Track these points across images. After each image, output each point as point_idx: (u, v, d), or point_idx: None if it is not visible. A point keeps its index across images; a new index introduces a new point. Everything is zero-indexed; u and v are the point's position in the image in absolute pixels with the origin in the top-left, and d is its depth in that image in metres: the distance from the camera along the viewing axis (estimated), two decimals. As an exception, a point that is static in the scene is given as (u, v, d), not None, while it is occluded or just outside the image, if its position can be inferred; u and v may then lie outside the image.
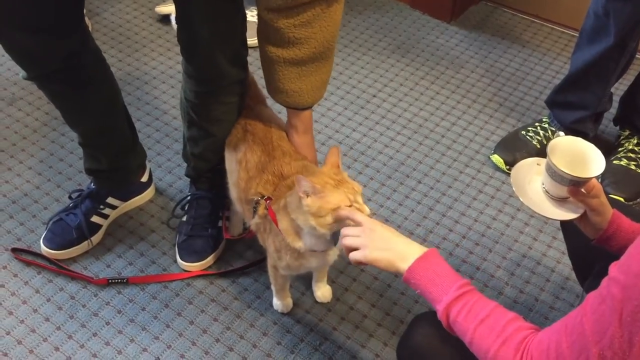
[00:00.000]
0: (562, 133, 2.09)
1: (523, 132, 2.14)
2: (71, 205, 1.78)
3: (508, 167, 2.07)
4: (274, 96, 1.47)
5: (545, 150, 1.16)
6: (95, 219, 1.77)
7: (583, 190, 1.15)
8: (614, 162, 2.07)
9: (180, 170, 1.99)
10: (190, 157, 1.74)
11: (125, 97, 1.95)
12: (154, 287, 1.70)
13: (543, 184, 1.20)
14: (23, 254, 1.74)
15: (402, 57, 2.57)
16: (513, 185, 1.21)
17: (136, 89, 2.31)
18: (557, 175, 1.14)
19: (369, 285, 1.74)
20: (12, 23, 1.36)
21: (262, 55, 1.41)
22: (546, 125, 2.14)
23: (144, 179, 1.88)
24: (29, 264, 1.72)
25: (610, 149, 2.14)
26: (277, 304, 1.64)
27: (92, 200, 1.77)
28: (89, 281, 1.69)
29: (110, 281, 1.68)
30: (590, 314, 0.83)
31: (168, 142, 2.12)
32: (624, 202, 1.95)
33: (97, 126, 1.66)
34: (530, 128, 2.15)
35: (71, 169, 1.99)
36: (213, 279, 1.73)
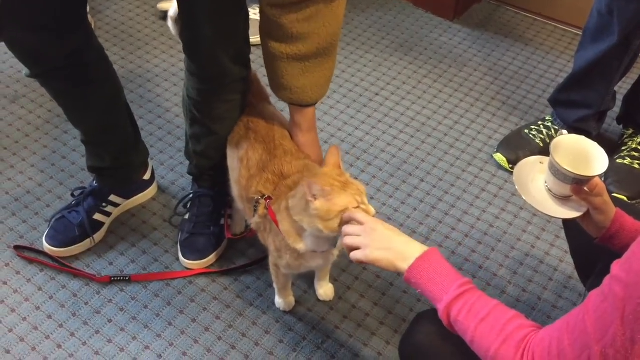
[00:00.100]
0: (565, 131, 2.08)
1: (526, 131, 2.14)
2: (74, 202, 1.78)
3: (511, 165, 2.07)
4: (277, 93, 1.47)
5: (549, 148, 1.15)
6: (97, 216, 1.77)
7: (586, 188, 1.14)
8: (617, 160, 2.06)
9: (182, 168, 1.99)
10: (193, 154, 1.74)
11: (128, 95, 1.95)
12: (156, 285, 1.70)
13: (546, 182, 1.20)
14: (25, 252, 1.74)
15: (405, 56, 2.57)
16: (516, 184, 1.21)
17: (139, 87, 2.31)
18: (560, 173, 1.13)
19: (372, 284, 1.74)
20: (16, 21, 1.36)
21: (265, 51, 1.40)
22: (549, 124, 2.13)
23: (147, 176, 1.88)
24: (31, 261, 1.73)
25: (614, 147, 2.14)
26: (279, 302, 1.64)
27: (94, 198, 1.77)
28: (91, 279, 1.69)
29: (112, 279, 1.69)
30: (593, 312, 0.83)
31: (170, 140, 2.12)
32: (627, 200, 1.94)
33: (100, 124, 1.66)
34: (533, 127, 2.15)
35: (74, 167, 1.99)
36: (215, 277, 1.73)
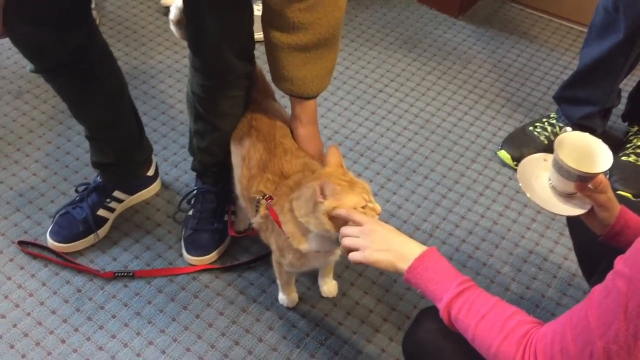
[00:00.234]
0: (569, 128, 2.08)
1: (530, 128, 2.13)
2: (77, 198, 1.78)
3: (515, 163, 2.06)
4: (278, 84, 1.46)
5: (553, 146, 1.15)
6: (101, 212, 1.77)
7: (590, 185, 1.14)
8: (622, 158, 2.05)
9: (186, 164, 1.99)
10: (197, 151, 1.74)
11: (132, 91, 1.95)
12: (160, 281, 1.70)
13: (550, 179, 1.20)
14: (29, 247, 1.75)
15: (409, 52, 2.56)
16: (520, 181, 1.21)
17: (142, 83, 2.31)
18: (564, 170, 1.13)
19: (375, 280, 1.74)
20: (21, 16, 1.36)
21: (266, 41, 1.40)
22: (554, 121, 2.13)
23: (150, 172, 1.88)
24: (35, 256, 1.73)
25: (619, 145, 2.13)
26: (283, 298, 1.65)
27: (98, 193, 1.77)
28: (95, 274, 1.69)
29: (116, 274, 1.69)
30: (596, 307, 0.83)
31: (174, 136, 2.12)
32: (632, 198, 1.94)
33: (104, 120, 1.67)
34: (537, 124, 2.14)
35: (77, 163, 1.99)
36: (219, 273, 1.73)
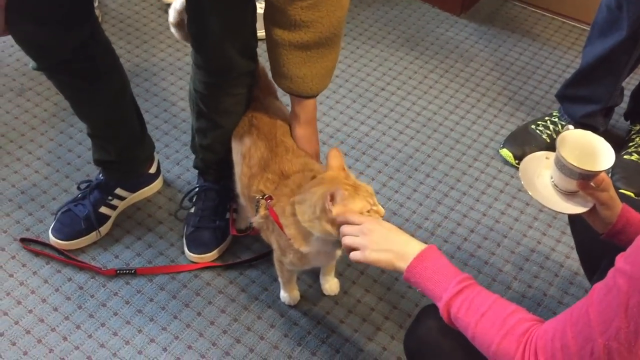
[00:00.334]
0: (571, 126, 2.07)
1: (533, 126, 2.13)
2: (80, 196, 1.78)
3: (517, 161, 2.06)
4: (278, 82, 1.46)
5: (555, 144, 1.15)
6: (103, 209, 1.77)
7: (592, 183, 1.14)
8: (625, 157, 2.05)
9: (188, 162, 2.00)
10: (199, 148, 1.74)
11: (134, 88, 1.95)
12: (162, 278, 1.70)
13: (552, 177, 1.20)
14: (32, 244, 1.75)
15: (411, 50, 2.56)
16: (522, 179, 1.21)
17: (144, 81, 2.31)
18: (566, 168, 1.13)
19: (376, 279, 1.74)
20: (24, 14, 1.36)
21: (268, 38, 1.39)
22: (556, 120, 2.13)
23: (152, 170, 1.88)
24: (37, 254, 1.73)
25: (621, 143, 2.13)
26: (285, 296, 1.65)
27: (100, 191, 1.77)
28: (97, 272, 1.70)
29: (118, 272, 1.69)
30: (596, 304, 0.83)
31: (176, 134, 2.12)
32: (634, 197, 1.93)
33: (106, 117, 1.67)
34: (540, 122, 2.14)
35: (80, 160, 2.00)
36: (220, 270, 1.73)
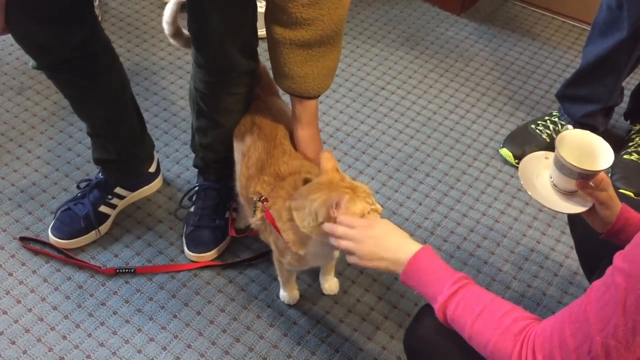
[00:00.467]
0: (570, 126, 2.07)
1: (532, 126, 2.13)
2: (79, 194, 1.78)
3: (517, 160, 2.06)
4: (279, 82, 1.46)
5: (554, 144, 1.15)
6: (103, 208, 1.77)
7: (591, 183, 1.14)
8: (624, 156, 2.05)
9: (188, 161, 1.99)
10: (199, 147, 1.74)
11: (134, 88, 1.95)
12: (161, 278, 1.70)
13: (551, 177, 1.20)
14: (31, 243, 1.75)
15: (411, 50, 2.56)
16: (521, 179, 1.21)
17: (144, 79, 2.31)
18: (565, 168, 1.13)
19: (376, 278, 1.74)
20: (24, 13, 1.36)
21: (269, 37, 1.39)
22: (556, 119, 2.13)
23: (152, 169, 1.88)
24: (37, 252, 1.73)
25: (621, 143, 2.13)
26: (284, 295, 1.65)
27: (100, 190, 1.77)
28: (96, 271, 1.70)
29: (118, 271, 1.69)
30: (595, 302, 0.83)
31: (176, 133, 2.12)
32: (634, 196, 1.93)
33: (106, 116, 1.66)
34: (539, 122, 2.14)
35: (79, 159, 2.00)
36: (220, 270, 1.73)
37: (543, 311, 1.68)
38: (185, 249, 1.74)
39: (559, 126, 2.11)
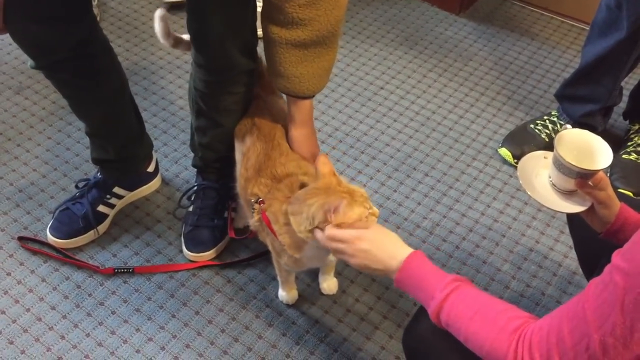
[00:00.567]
0: (569, 125, 2.07)
1: (531, 126, 2.13)
2: (78, 194, 1.78)
3: (516, 160, 2.06)
4: (274, 81, 1.45)
5: (553, 143, 1.15)
6: (101, 208, 1.77)
7: (590, 183, 1.14)
8: (623, 156, 2.05)
9: (186, 160, 1.99)
10: (198, 147, 1.74)
11: (132, 87, 1.94)
12: (160, 277, 1.70)
13: (550, 177, 1.20)
14: (29, 243, 1.75)
15: (410, 49, 2.56)
16: (520, 179, 1.21)
17: (143, 79, 2.31)
18: (564, 167, 1.13)
19: (375, 278, 1.74)
20: (22, 12, 1.35)
21: (265, 36, 1.39)
22: (555, 119, 2.13)
23: (151, 169, 1.88)
24: (35, 252, 1.73)
25: (620, 143, 2.13)
26: (283, 295, 1.64)
27: (98, 189, 1.77)
28: (95, 270, 1.69)
29: (116, 271, 1.69)
30: (592, 300, 0.83)
31: (175, 133, 2.11)
32: (633, 196, 1.93)
33: (105, 116, 1.66)
34: (538, 121, 2.14)
35: (78, 158, 1.99)
36: (219, 269, 1.73)
37: (542, 311, 1.68)
38: (184, 248, 1.74)
39: (558, 126, 2.11)
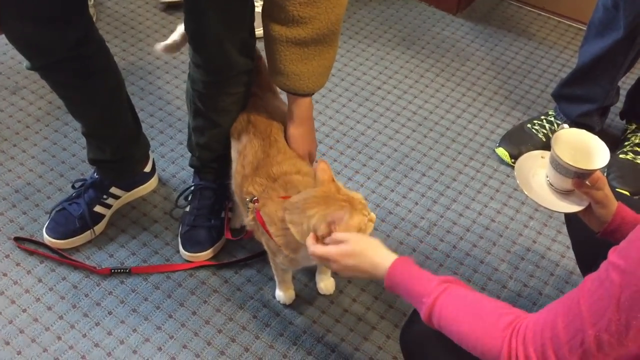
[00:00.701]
0: (566, 125, 2.08)
1: (529, 125, 2.13)
2: (74, 194, 1.77)
3: (513, 160, 2.06)
4: (274, 79, 1.46)
5: (550, 143, 1.15)
6: (98, 208, 1.77)
7: (587, 182, 1.14)
8: (620, 156, 2.05)
9: (183, 160, 1.99)
10: (196, 147, 1.73)
11: (129, 87, 1.95)
12: (157, 277, 1.70)
13: (547, 176, 1.20)
14: (26, 243, 1.74)
15: (408, 49, 2.56)
16: (517, 178, 1.21)
17: (140, 79, 2.30)
18: (561, 167, 1.13)
19: (372, 278, 1.74)
20: (17, 13, 1.35)
21: (265, 34, 1.39)
22: (552, 119, 2.13)
23: (147, 169, 1.87)
24: (31, 253, 1.72)
25: (616, 142, 2.13)
26: (280, 295, 1.64)
27: (95, 190, 1.77)
28: (91, 271, 1.69)
29: (113, 271, 1.68)
30: (588, 296, 0.83)
31: (171, 133, 2.11)
32: (630, 195, 1.94)
33: (101, 116, 1.66)
34: (535, 121, 2.14)
35: (74, 159, 1.99)
36: (216, 269, 1.73)
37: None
38: (181, 248, 1.74)
39: (555, 125, 2.11)
